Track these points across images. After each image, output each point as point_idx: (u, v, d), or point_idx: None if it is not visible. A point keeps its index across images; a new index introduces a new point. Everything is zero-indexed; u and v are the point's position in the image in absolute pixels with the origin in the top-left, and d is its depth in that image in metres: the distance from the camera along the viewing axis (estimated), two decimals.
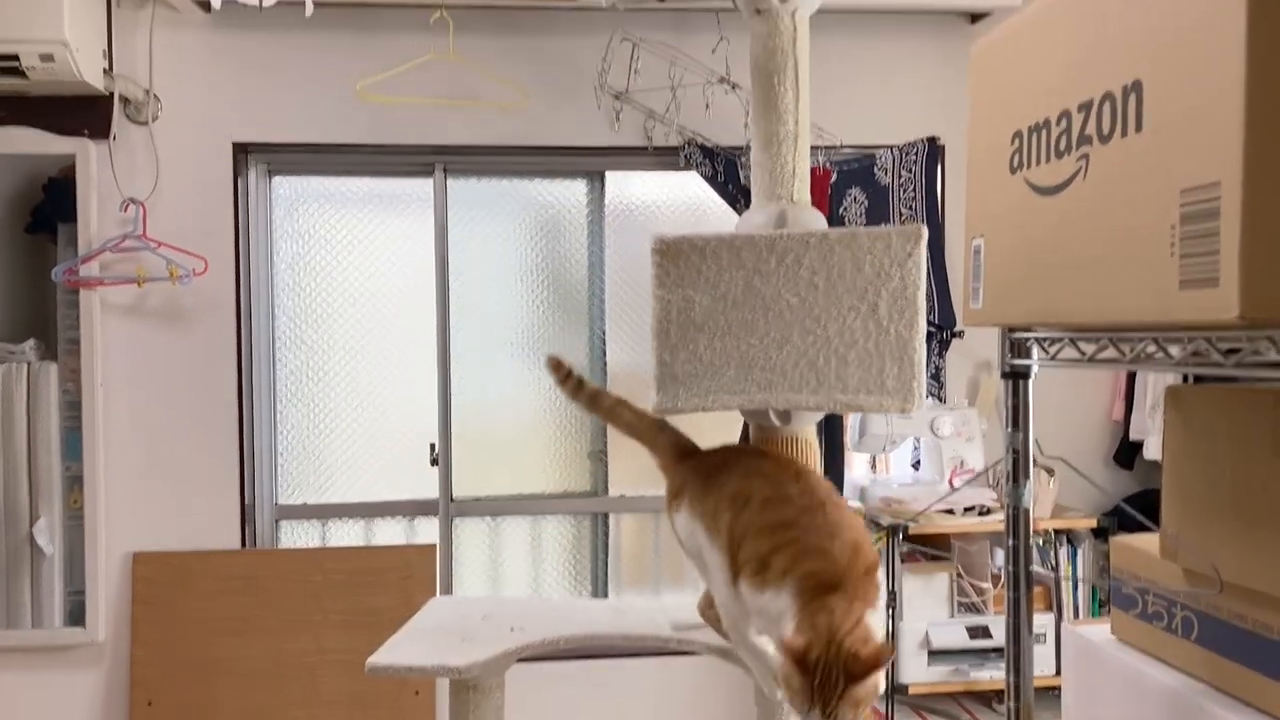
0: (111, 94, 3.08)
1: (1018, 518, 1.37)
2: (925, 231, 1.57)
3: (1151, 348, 0.96)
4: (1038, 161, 1.02)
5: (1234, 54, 0.76)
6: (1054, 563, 3.21)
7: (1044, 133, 1.01)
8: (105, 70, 3.05)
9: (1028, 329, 1.23)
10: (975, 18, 3.40)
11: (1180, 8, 0.82)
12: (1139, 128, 0.87)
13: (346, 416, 3.43)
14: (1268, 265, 0.76)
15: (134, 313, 3.18)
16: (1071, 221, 0.97)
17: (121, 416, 3.20)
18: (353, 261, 3.41)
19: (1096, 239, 0.93)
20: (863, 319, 1.58)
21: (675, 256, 1.69)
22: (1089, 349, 1.03)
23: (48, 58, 2.81)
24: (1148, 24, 0.87)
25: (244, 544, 3.26)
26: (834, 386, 1.60)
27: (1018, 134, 1.07)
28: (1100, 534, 3.22)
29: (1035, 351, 1.21)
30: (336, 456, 3.43)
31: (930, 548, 3.07)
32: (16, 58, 2.80)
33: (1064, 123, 0.98)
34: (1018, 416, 1.34)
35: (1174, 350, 0.97)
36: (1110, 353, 1.02)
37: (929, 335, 3.37)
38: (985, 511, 3.05)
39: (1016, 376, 1.30)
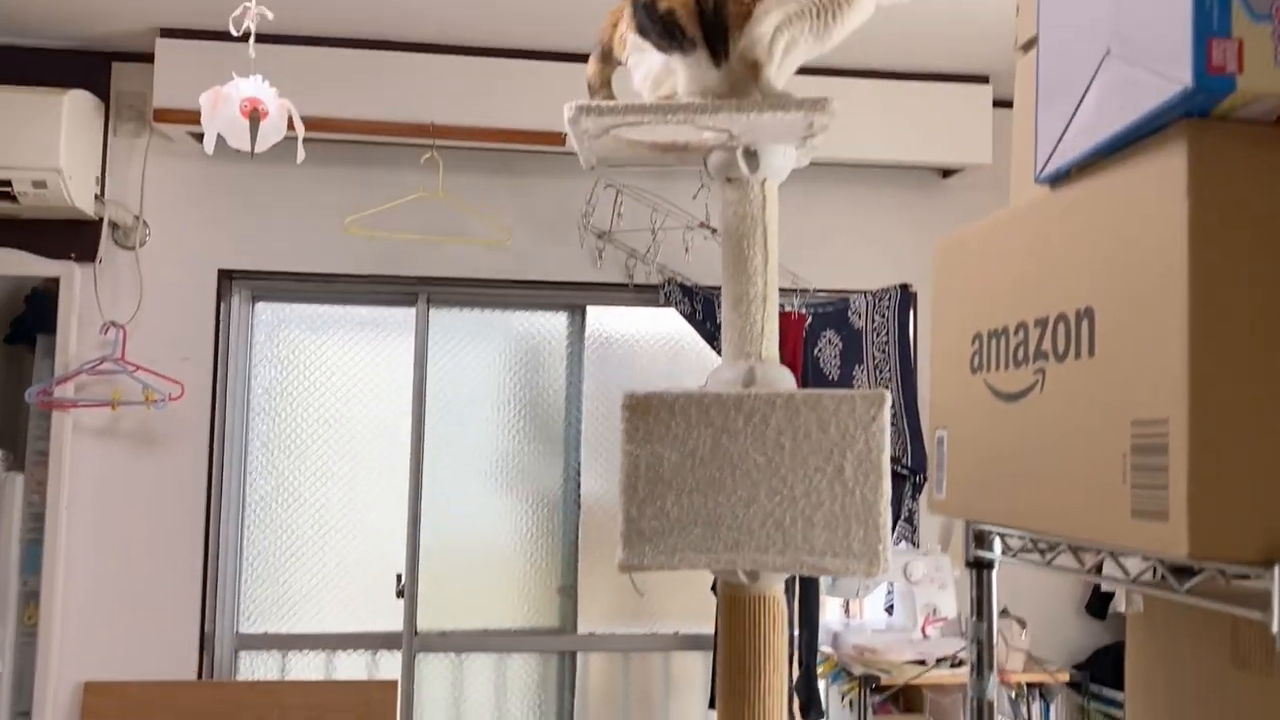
0: (101, 219, 3.13)
1: (981, 712, 1.35)
2: (888, 396, 1.61)
3: (1109, 564, 0.97)
4: (997, 367, 1.04)
5: (1178, 293, 0.78)
6: (1026, 717, 3.15)
7: (1003, 340, 1.03)
8: (97, 196, 3.11)
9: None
10: (947, 173, 3.52)
11: (1127, 241, 0.85)
12: (1091, 353, 0.89)
13: (314, 544, 3.39)
14: (1219, 506, 0.76)
15: (106, 435, 3.17)
16: (1030, 432, 0.98)
17: (85, 536, 3.15)
18: (330, 387, 3.42)
19: (1054, 454, 0.94)
20: (829, 480, 1.61)
21: (644, 412, 1.70)
22: (1049, 552, 1.04)
23: (40, 184, 2.87)
24: (1098, 253, 0.89)
25: (201, 674, 3.18)
26: (800, 548, 1.61)
27: (978, 335, 1.09)
28: (1075, 687, 3.17)
29: (998, 545, 1.21)
30: (301, 584, 3.37)
31: (903, 699, 3.01)
32: (9, 183, 2.85)
33: (1021, 334, 1.00)
34: (981, 607, 1.33)
35: (1131, 566, 0.98)
36: (1069, 559, 1.03)
37: (902, 479, 3.37)
38: (958, 663, 3.01)
39: (980, 567, 1.30)
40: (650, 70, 1.67)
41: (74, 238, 3.15)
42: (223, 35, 2.18)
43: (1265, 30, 0.72)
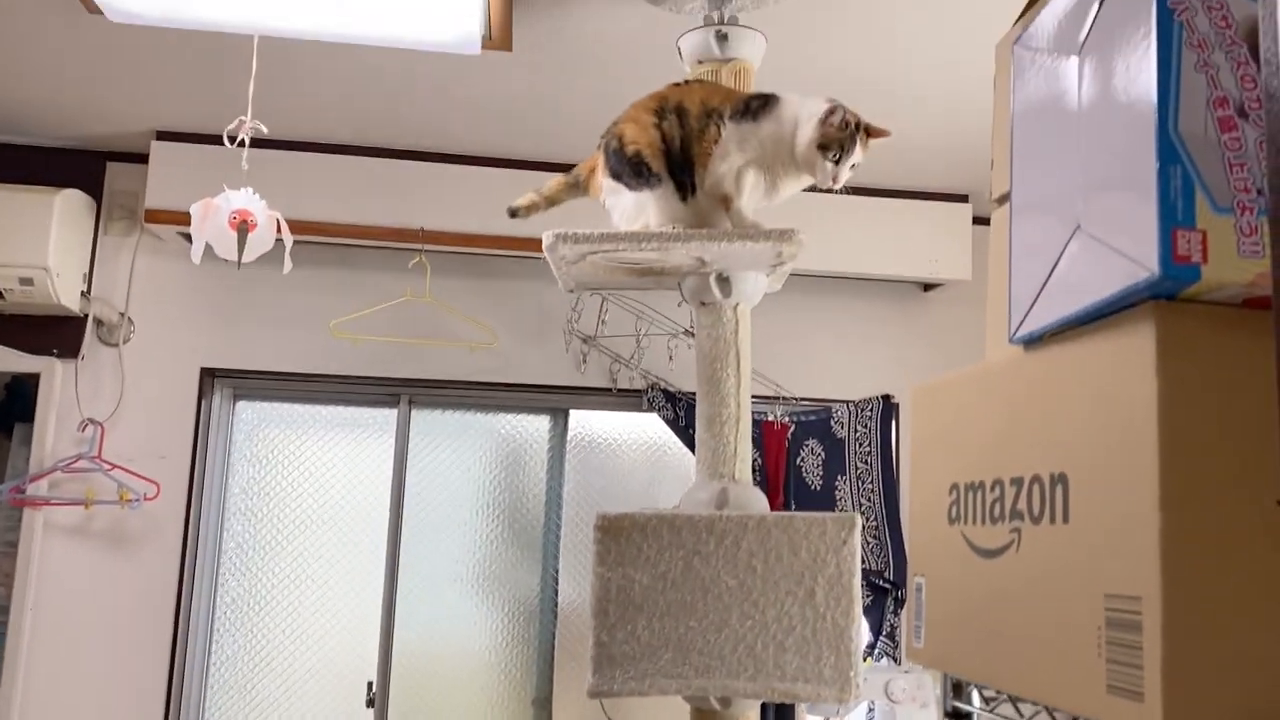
0: (86, 315, 3.13)
1: None
2: (859, 520, 1.61)
3: None
4: (974, 520, 1.04)
5: (1148, 473, 0.77)
6: None
7: (980, 494, 1.03)
8: (83, 293, 3.12)
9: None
10: (928, 286, 3.57)
11: (1099, 413, 0.85)
12: (1066, 519, 0.88)
13: (284, 649, 3.31)
14: (1195, 690, 0.75)
15: (77, 533, 3.12)
16: (1007, 593, 0.97)
17: (48, 638, 3.07)
18: (308, 488, 3.39)
19: (1031, 618, 0.93)
20: (800, 605, 1.60)
21: (617, 534, 1.69)
22: (1026, 710, 1.02)
23: (27, 281, 2.88)
24: (1070, 420, 0.89)
25: None
26: (772, 674, 1.60)
27: (955, 486, 1.09)
28: None
29: (976, 697, 1.20)
30: (270, 692, 3.28)
31: None
32: None
33: (997, 490, 1.00)
34: None
35: None
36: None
37: (884, 593, 3.34)
38: None
39: (958, 718, 1.28)
40: (625, 210, 1.73)
41: (58, 333, 3.14)
42: (217, 139, 2.21)
43: (1228, 222, 0.74)
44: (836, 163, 1.61)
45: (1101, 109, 0.85)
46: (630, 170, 1.66)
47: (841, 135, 1.61)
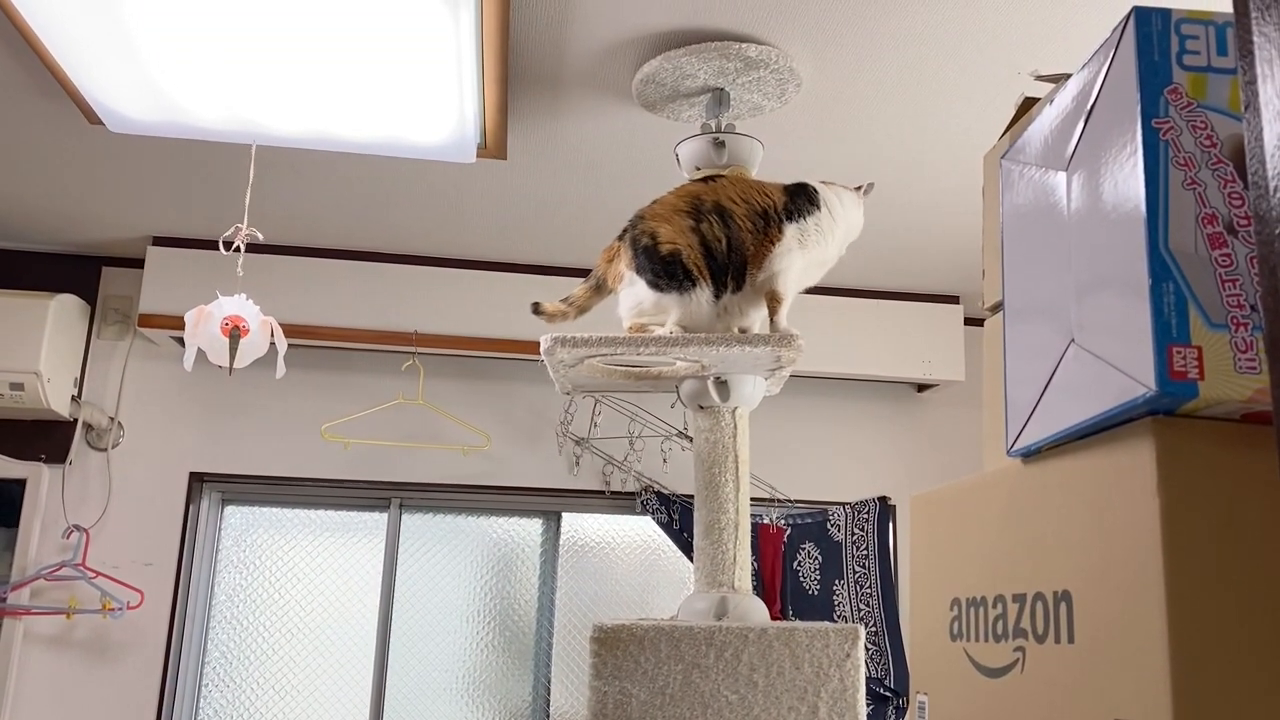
0: (76, 420, 3.11)
1: None
2: (862, 632, 1.57)
3: None
4: (977, 638, 1.01)
5: (1155, 594, 0.75)
6: None
7: (982, 610, 1.01)
8: (74, 397, 3.10)
9: None
10: (922, 387, 3.57)
11: (1101, 530, 0.83)
12: (1071, 639, 0.86)
13: None
14: None
15: (58, 643, 3.04)
16: (1013, 713, 0.94)
17: None
18: (294, 594, 3.32)
19: None
20: None
21: (613, 646, 1.65)
22: None
23: (18, 386, 2.86)
24: (1071, 537, 0.87)
25: None
26: None
27: (956, 601, 1.07)
28: None
29: None
30: None
31: None
32: None
33: (1000, 607, 0.97)
34: None
35: None
36: None
37: (885, 700, 3.26)
38: None
39: None
40: (637, 301, 1.72)
41: (46, 438, 3.11)
42: (212, 245, 2.23)
43: (1223, 338, 0.74)
44: None
45: (1092, 224, 0.86)
46: (663, 270, 1.64)
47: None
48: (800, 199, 1.69)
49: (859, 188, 1.82)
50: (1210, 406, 0.76)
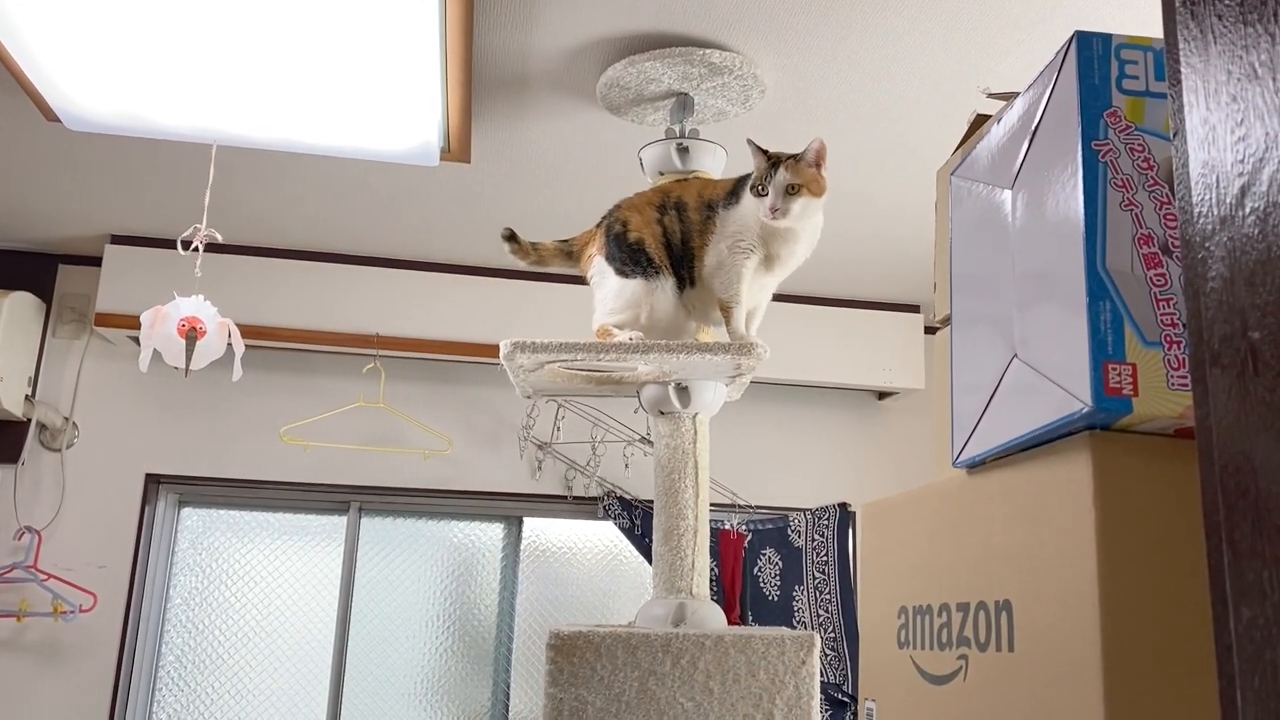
0: (29, 420, 3.06)
1: None
2: (818, 640, 1.58)
3: None
4: (922, 645, 1.02)
5: (1089, 606, 0.77)
6: None
7: (927, 618, 1.02)
8: (28, 397, 3.05)
9: None
10: (883, 395, 3.61)
11: (1039, 541, 0.84)
12: (1011, 648, 0.87)
13: None
14: None
15: (7, 647, 2.99)
16: None
17: None
18: (251, 598, 3.29)
19: None
20: None
21: (570, 653, 1.65)
22: None
23: None
24: (1012, 548, 0.89)
25: None
26: None
27: (903, 609, 1.08)
28: None
29: None
30: None
31: None
32: None
33: (944, 615, 0.99)
34: None
35: None
36: None
37: (843, 706, 3.28)
38: None
39: None
40: (606, 293, 1.75)
41: None
42: (171, 244, 2.21)
43: (1157, 356, 0.76)
44: (760, 194, 1.61)
45: (1034, 242, 0.88)
46: (629, 256, 1.70)
47: (761, 167, 1.63)
48: (738, 186, 1.67)
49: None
50: (1144, 422, 0.77)
